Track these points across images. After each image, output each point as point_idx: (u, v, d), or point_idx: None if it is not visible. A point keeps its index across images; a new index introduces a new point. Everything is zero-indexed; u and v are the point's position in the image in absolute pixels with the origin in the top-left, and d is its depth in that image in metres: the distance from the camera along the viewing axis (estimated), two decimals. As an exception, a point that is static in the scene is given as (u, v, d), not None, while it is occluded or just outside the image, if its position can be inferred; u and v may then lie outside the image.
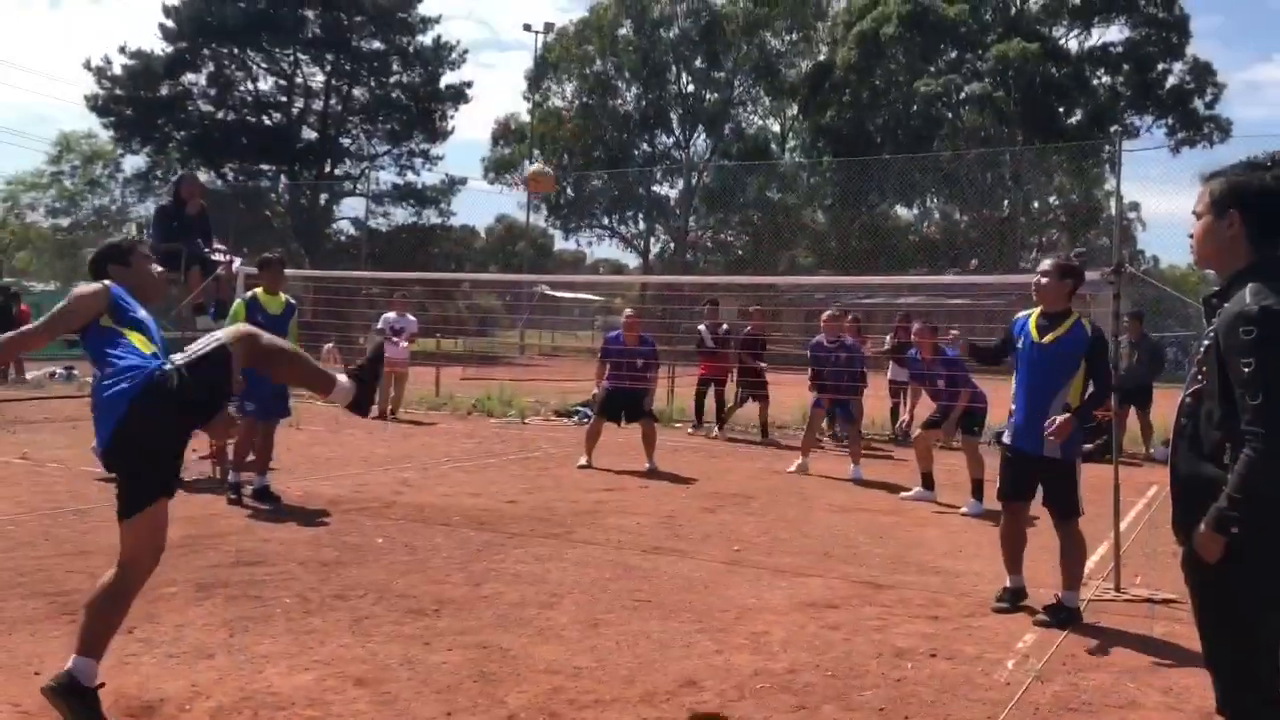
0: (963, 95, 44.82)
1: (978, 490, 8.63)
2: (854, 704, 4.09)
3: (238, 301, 8.25)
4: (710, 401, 14.33)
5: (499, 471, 10.17)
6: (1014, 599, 5.64)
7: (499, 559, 6.38)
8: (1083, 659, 4.76)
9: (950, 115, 47.59)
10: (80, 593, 5.19)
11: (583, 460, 10.66)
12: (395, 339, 14.76)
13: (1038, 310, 5.53)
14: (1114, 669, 4.62)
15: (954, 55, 47.49)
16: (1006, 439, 5.64)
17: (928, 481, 9.27)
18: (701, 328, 14.29)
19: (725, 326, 14.56)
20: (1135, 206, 60.05)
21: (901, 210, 55.48)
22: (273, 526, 7.09)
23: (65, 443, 10.42)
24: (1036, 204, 51.79)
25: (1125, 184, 67.39)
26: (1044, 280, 5.43)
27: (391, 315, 15.16)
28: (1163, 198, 30.91)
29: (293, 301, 8.36)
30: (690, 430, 14.10)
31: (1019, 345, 5.57)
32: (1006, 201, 48.25)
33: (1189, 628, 5.08)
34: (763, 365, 14.27)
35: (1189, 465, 2.87)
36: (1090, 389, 5.43)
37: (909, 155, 43.09)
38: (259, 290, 8.18)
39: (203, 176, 41.61)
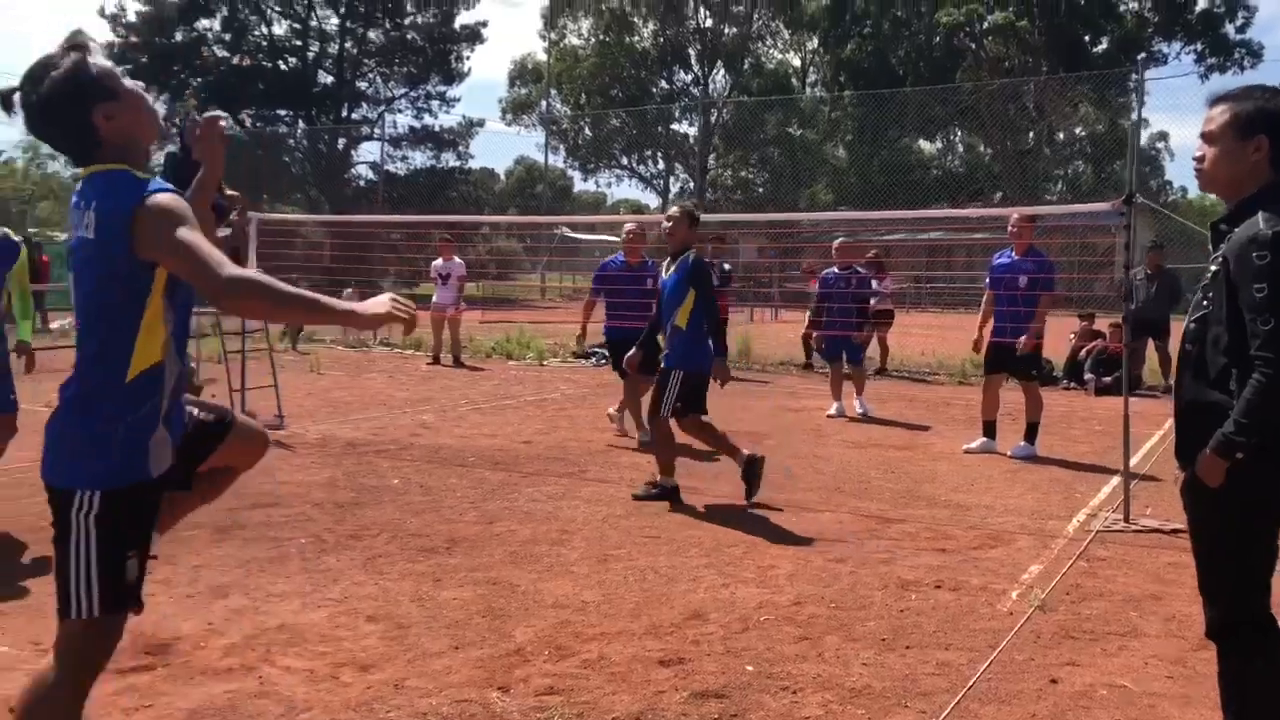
0: (985, 25, 44.00)
1: (1030, 433, 8.26)
2: (857, 635, 4.15)
3: None
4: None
5: (515, 413, 10.24)
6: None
7: (512, 498, 6.47)
8: (1087, 588, 4.79)
9: (973, 46, 46.80)
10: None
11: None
12: (442, 283, 14.82)
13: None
14: (1117, 598, 4.65)
15: (977, -16, 46.55)
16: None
17: (990, 430, 8.45)
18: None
19: (727, 266, 14.45)
20: (1163, 136, 59.06)
21: (924, 144, 54.87)
22: (291, 470, 7.19)
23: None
24: (1061, 135, 51.02)
25: (1154, 113, 66.07)
26: (668, 225, 6.67)
27: (439, 261, 15.14)
28: (1192, 127, 30.46)
29: (14, 239, 6.00)
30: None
31: (659, 284, 6.90)
32: (1031, 134, 47.61)
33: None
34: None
35: (1194, 391, 2.85)
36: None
37: (930, 88, 42.46)
38: None
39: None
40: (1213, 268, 2.83)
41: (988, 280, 8.56)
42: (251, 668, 3.72)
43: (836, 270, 11.26)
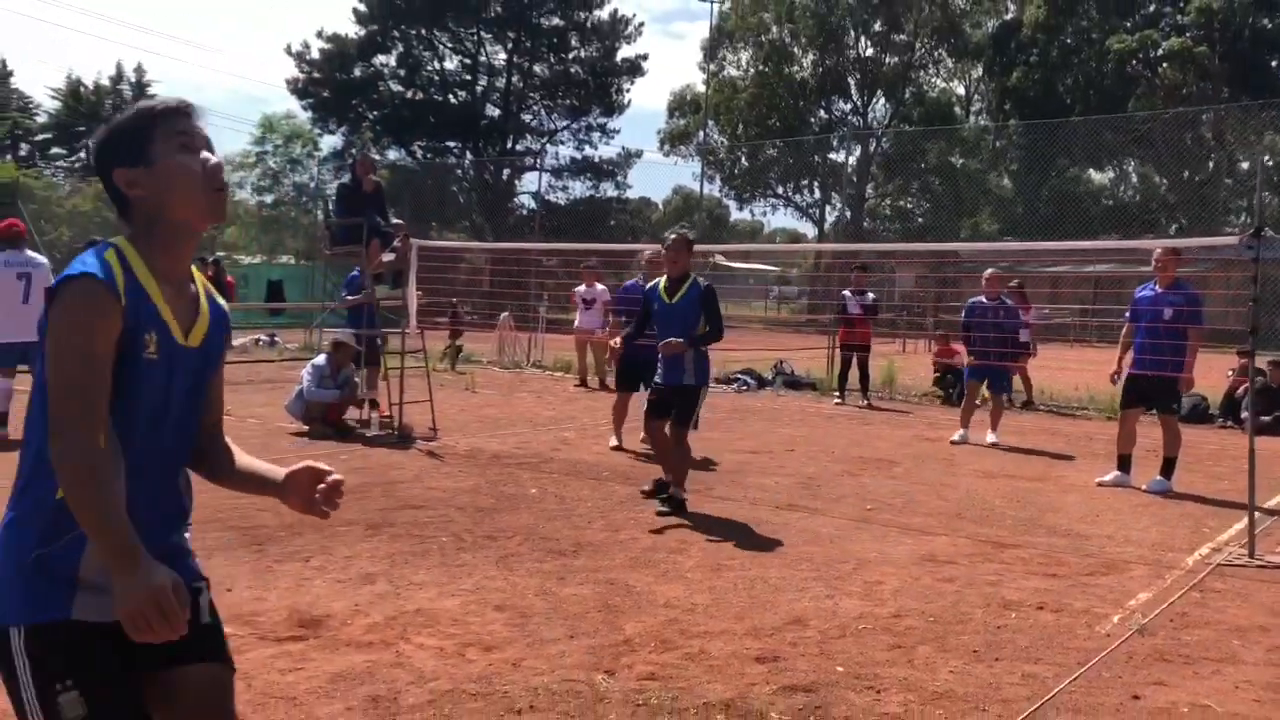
0: (1160, 51, 42.43)
1: (1167, 468, 8.19)
2: (949, 646, 4.33)
3: None
4: (854, 370, 14.26)
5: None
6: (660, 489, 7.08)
7: (639, 510, 6.84)
8: (1193, 616, 4.83)
9: (1147, 73, 45.15)
10: (267, 528, 5.94)
11: (613, 440, 9.55)
12: (586, 308, 15.45)
13: (664, 278, 7.23)
14: (1223, 627, 4.68)
15: (1151, 9, 45.08)
16: (657, 379, 7.18)
17: (1125, 464, 8.41)
18: (846, 293, 14.29)
19: (871, 295, 14.45)
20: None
21: (1094, 174, 53.14)
22: (439, 478, 7.76)
23: (264, 400, 11.49)
24: (1245, 164, 48.58)
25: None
26: (669, 253, 7.13)
27: (581, 287, 15.81)
28: None
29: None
30: (836, 401, 14.15)
31: (655, 308, 7.22)
32: (1210, 163, 45.55)
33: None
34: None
35: None
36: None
37: (1101, 116, 41.16)
38: None
39: (393, 154, 43.73)
40: None
41: (1128, 313, 8.52)
42: (390, 643, 4.18)
43: (985, 300, 11.26)
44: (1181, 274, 8.59)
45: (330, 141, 45.70)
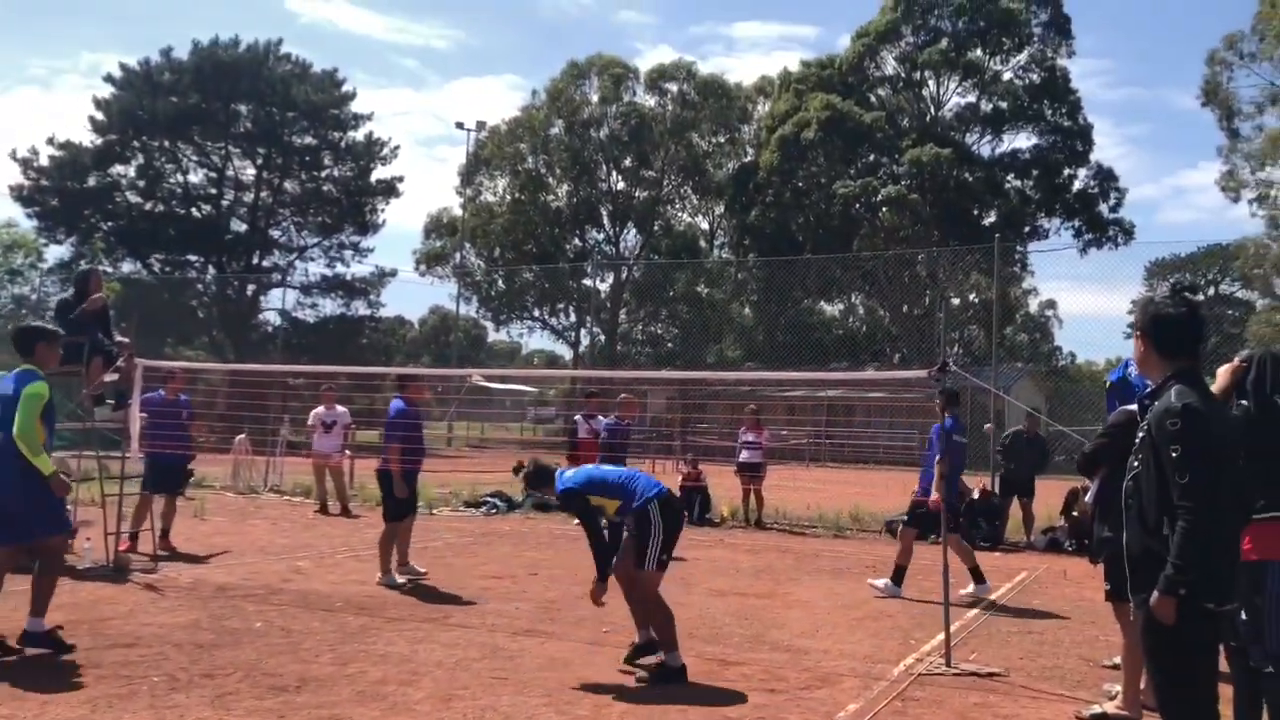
0: (880, 197, 46.52)
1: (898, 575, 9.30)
2: (669, 766, 4.45)
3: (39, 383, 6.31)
4: None
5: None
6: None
7: (371, 641, 6.66)
8: (892, 725, 5.18)
9: (869, 215, 49.32)
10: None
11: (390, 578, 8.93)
12: (325, 431, 14.96)
13: None
14: (918, 734, 5.04)
15: (871, 158, 49.42)
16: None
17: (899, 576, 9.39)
18: (578, 418, 14.71)
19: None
20: (1052, 304, 62.79)
21: (825, 306, 57.18)
22: (156, 613, 7.29)
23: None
24: (957, 300, 53.49)
25: (1043, 282, 70.13)
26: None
27: (321, 409, 15.33)
28: (1084, 295, 31.68)
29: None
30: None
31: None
32: (927, 298, 49.97)
33: (1000, 697, 5.59)
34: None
35: (1139, 540, 3.41)
36: None
37: (830, 255, 44.52)
38: None
39: (127, 267, 41.52)
40: (1140, 434, 3.47)
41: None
42: (82, 797, 3.88)
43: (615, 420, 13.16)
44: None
45: (57, 252, 42.88)
